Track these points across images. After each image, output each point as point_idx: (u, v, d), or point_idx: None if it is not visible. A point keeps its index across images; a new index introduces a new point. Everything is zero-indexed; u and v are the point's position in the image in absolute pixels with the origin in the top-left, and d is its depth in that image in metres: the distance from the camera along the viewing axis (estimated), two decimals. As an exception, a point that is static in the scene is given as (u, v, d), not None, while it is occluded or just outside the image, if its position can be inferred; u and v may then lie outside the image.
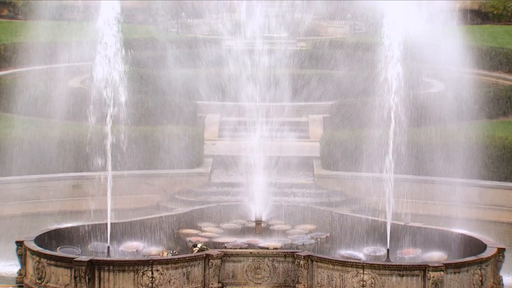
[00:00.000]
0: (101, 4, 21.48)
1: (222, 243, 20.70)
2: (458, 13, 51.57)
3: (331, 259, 19.40)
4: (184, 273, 19.18)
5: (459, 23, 49.47)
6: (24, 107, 29.92)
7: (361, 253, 20.62)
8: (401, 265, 19.44)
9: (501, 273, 20.07)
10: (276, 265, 19.61)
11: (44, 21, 46.15)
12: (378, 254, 20.58)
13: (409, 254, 20.55)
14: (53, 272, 19.16)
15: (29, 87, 32.72)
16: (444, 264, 18.99)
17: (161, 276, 18.93)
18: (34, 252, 19.51)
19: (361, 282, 18.76)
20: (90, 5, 22.48)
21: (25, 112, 29.94)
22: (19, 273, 20.06)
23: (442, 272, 18.65)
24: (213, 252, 19.55)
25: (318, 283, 19.22)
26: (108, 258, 19.80)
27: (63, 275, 19.01)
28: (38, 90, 32.42)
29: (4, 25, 48.11)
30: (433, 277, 18.58)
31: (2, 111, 30.69)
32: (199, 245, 20.34)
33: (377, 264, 19.25)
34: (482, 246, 20.02)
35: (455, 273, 18.98)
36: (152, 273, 18.87)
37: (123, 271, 18.98)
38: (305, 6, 52.68)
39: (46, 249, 19.68)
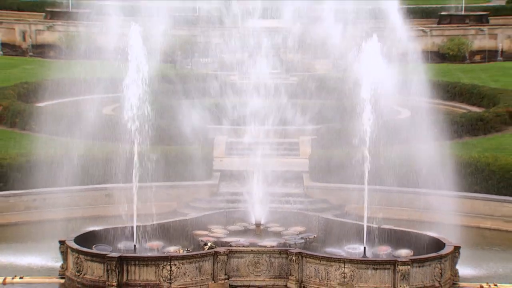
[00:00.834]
0: (130, 47, 21.81)
1: (228, 242, 20.69)
2: (421, 54, 51.78)
3: (318, 255, 19.57)
4: (197, 267, 19.31)
5: (422, 62, 49.65)
6: (66, 131, 29.87)
7: (343, 251, 20.57)
8: (375, 260, 19.62)
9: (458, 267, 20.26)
10: (273, 260, 19.73)
11: (84, 60, 46.24)
12: (356, 251, 20.49)
13: (382, 251, 20.51)
14: (89, 266, 19.33)
15: (71, 114, 32.83)
16: (411, 259, 19.19)
17: (178, 269, 19.09)
18: (74, 250, 19.65)
19: (343, 274, 18.92)
20: (122, 48, 22.44)
21: (66, 134, 29.91)
22: (61, 267, 20.17)
23: (408, 266, 18.85)
24: (221, 249, 19.70)
25: (307, 275, 19.34)
26: (134, 255, 19.93)
27: (98, 268, 19.18)
28: (78, 116, 32.44)
29: (50, 64, 47.96)
30: (401, 270, 18.78)
31: (48, 134, 30.63)
32: (209, 244, 20.40)
33: (356, 260, 19.42)
34: (441, 245, 20.14)
35: (419, 266, 19.15)
36: (171, 267, 19.04)
37: (147, 265, 19.17)
38: (296, 48, 52.70)
39: (84, 247, 19.79)
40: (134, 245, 20.62)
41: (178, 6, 59.99)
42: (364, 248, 20.58)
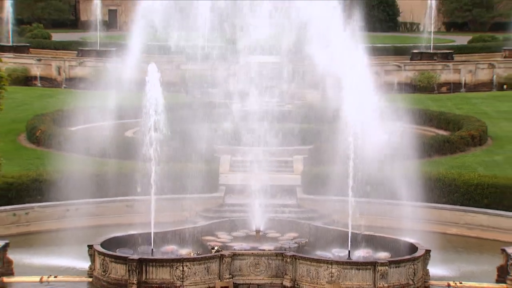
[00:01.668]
0: (148, 80, 21.91)
1: (232, 246, 20.71)
2: (396, 85, 52.11)
3: (309, 258, 19.62)
4: (205, 268, 19.34)
5: (397, 92, 50.10)
6: (94, 151, 29.96)
7: (330, 253, 20.61)
8: (358, 262, 19.66)
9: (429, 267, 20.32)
10: (270, 262, 19.76)
11: (110, 91, 46.24)
12: (342, 254, 20.54)
13: (364, 254, 20.54)
14: (113, 267, 19.38)
15: (98, 137, 32.83)
16: (388, 261, 19.27)
17: (189, 270, 19.13)
18: (100, 253, 19.71)
19: (330, 274, 18.97)
20: (142, 80, 22.56)
21: (94, 154, 29.97)
22: (90, 267, 20.18)
23: (387, 267, 18.93)
24: (226, 252, 19.74)
25: (300, 274, 19.39)
26: (152, 257, 19.98)
27: (121, 269, 19.25)
28: (105, 138, 32.52)
29: (81, 94, 48.01)
30: (381, 270, 18.86)
31: (78, 154, 30.62)
32: (215, 248, 20.45)
33: (341, 261, 19.48)
34: (414, 248, 20.20)
35: (396, 267, 19.19)
36: (183, 268, 19.09)
37: (162, 266, 19.23)
38: (290, 79, 52.82)
39: (109, 250, 19.86)
40: (152, 249, 20.63)
41: (189, 44, 60.25)
42: (349, 251, 20.60)
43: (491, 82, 54.28)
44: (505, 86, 53.52)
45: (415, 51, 60.43)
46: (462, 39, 71.53)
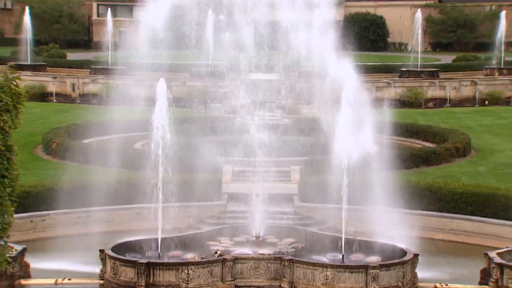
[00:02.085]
0: (157, 96, 21.85)
1: (234, 251, 20.69)
2: (386, 101, 52.09)
3: (305, 261, 19.56)
4: (209, 271, 19.28)
5: (387, 108, 50.10)
6: (105, 162, 29.93)
7: (325, 258, 20.51)
8: (351, 265, 19.59)
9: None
10: (269, 265, 19.69)
11: (120, 106, 46.22)
12: (336, 258, 20.49)
13: (356, 258, 20.51)
14: (123, 270, 19.31)
15: (109, 149, 32.73)
16: (379, 264, 19.24)
17: (194, 273, 19.07)
18: (111, 257, 19.66)
19: (325, 277, 18.92)
20: (150, 96, 22.61)
21: (106, 165, 29.95)
22: (101, 271, 20.12)
23: (378, 270, 18.89)
24: (228, 257, 19.69)
25: (297, 277, 19.31)
26: (159, 261, 19.94)
27: (130, 272, 19.18)
28: (115, 150, 32.45)
29: (93, 109, 48.16)
30: (372, 273, 18.81)
31: (91, 164, 30.67)
32: (218, 252, 20.38)
33: (335, 265, 19.42)
34: (403, 253, 20.15)
35: (386, 270, 19.14)
36: (188, 271, 19.03)
37: (169, 269, 19.18)
38: (287, 95, 52.99)
39: (119, 255, 19.81)
40: (159, 253, 20.58)
41: (194, 62, 60.50)
42: (342, 255, 20.56)
43: (474, 98, 54.34)
44: (486, 102, 53.59)
45: (403, 69, 60.51)
46: (447, 58, 71.67)
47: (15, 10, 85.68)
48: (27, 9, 66.95)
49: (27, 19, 64.16)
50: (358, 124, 22.96)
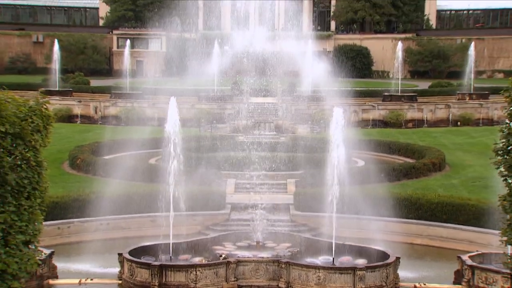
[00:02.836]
0: (168, 117, 21.90)
1: (236, 255, 20.65)
2: (371, 122, 52.13)
3: (300, 264, 19.53)
4: (214, 272, 19.24)
5: (372, 127, 50.24)
6: (124, 176, 29.88)
7: (318, 260, 20.50)
8: (340, 267, 19.54)
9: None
10: (268, 267, 19.65)
11: (137, 126, 46.44)
12: (327, 261, 20.44)
13: (345, 261, 20.43)
14: (139, 272, 19.28)
15: (127, 164, 32.74)
16: (366, 266, 19.19)
17: (201, 274, 19.04)
18: (128, 260, 19.65)
19: (318, 277, 18.89)
20: (162, 117, 22.67)
21: (124, 178, 29.90)
22: (119, 272, 20.08)
23: (364, 271, 18.86)
24: (231, 259, 19.67)
25: (293, 278, 19.26)
26: (171, 263, 19.86)
27: (145, 273, 19.14)
28: (132, 165, 32.48)
29: (113, 129, 48.15)
30: (359, 274, 18.77)
31: (111, 178, 30.54)
32: (223, 256, 20.34)
33: (327, 267, 19.38)
34: (387, 256, 20.12)
35: (371, 271, 19.11)
36: (196, 272, 19.00)
37: (179, 271, 19.14)
38: (284, 116, 52.98)
39: (135, 258, 19.79)
40: (170, 256, 20.52)
41: (201, 88, 60.59)
42: (333, 258, 20.50)
43: (448, 119, 54.36)
44: (459, 123, 53.62)
45: (386, 93, 60.58)
46: (424, 85, 71.72)
47: (46, 43, 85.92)
48: (56, 42, 67.32)
49: (56, 50, 64.33)
50: (347, 142, 22.89)
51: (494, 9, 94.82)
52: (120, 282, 19.89)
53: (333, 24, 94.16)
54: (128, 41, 72.74)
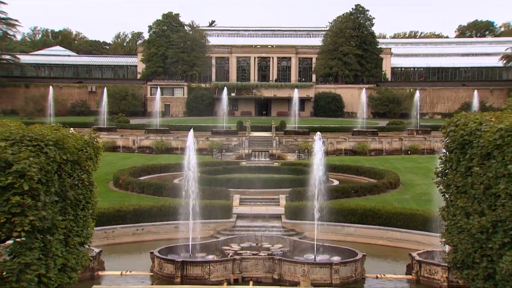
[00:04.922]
0: (187, 146, 21.84)
1: (241, 253, 20.62)
2: (343, 151, 52.06)
3: (290, 260, 19.48)
4: (224, 267, 19.16)
5: (344, 155, 50.32)
6: (155, 192, 29.77)
7: (303, 257, 20.43)
8: (320, 262, 19.46)
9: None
10: (265, 263, 19.56)
11: (164, 154, 46.16)
12: (310, 258, 20.38)
13: (324, 258, 20.35)
14: (166, 266, 19.10)
15: (157, 183, 32.62)
16: (340, 262, 19.13)
17: (213, 268, 18.95)
18: (157, 257, 19.54)
19: (303, 270, 18.78)
20: (183, 147, 22.68)
21: (155, 194, 29.77)
22: (151, 266, 19.93)
23: (339, 266, 18.81)
24: (237, 257, 19.62)
25: (284, 271, 19.18)
26: (190, 259, 19.76)
27: (170, 267, 19.06)
28: (161, 184, 32.32)
29: (147, 157, 48.17)
30: (335, 268, 18.72)
31: (145, 194, 30.55)
32: (230, 254, 20.32)
33: (310, 262, 19.31)
34: (356, 253, 20.05)
35: (344, 266, 19.04)
36: (209, 267, 18.93)
37: (197, 265, 19.06)
38: (277, 146, 53.09)
39: (163, 255, 19.69)
40: (190, 254, 20.45)
41: (213, 125, 60.95)
42: (314, 256, 20.44)
43: (401, 149, 54.60)
44: (409, 152, 53.87)
45: (355, 129, 60.91)
46: (383, 123, 72.21)
47: (98, 92, 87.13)
48: (105, 91, 67.91)
49: (104, 98, 64.91)
50: (325, 166, 22.94)
51: (433, 67, 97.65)
52: (151, 274, 19.79)
53: (314, 77, 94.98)
54: (159, 90, 73.27)
